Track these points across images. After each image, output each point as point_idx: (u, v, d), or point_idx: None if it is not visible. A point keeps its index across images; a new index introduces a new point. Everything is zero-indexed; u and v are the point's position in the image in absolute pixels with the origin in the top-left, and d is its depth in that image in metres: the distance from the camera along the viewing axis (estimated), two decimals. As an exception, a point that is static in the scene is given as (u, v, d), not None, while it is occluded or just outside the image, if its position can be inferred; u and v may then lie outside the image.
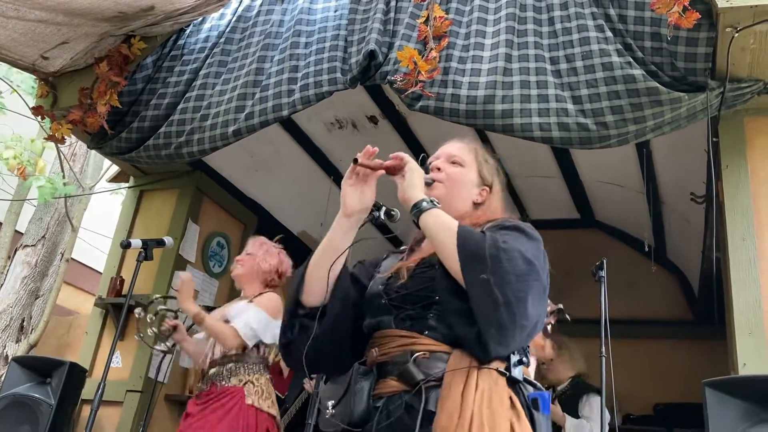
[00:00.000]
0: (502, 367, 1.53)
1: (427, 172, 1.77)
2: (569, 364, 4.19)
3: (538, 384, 1.62)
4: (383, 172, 1.69)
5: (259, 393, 3.25)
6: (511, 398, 1.50)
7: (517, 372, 1.55)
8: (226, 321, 3.30)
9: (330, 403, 1.62)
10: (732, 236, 2.83)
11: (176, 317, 3.52)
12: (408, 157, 1.70)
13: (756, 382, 2.35)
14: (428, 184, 1.75)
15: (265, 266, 3.47)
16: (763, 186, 2.89)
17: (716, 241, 2.86)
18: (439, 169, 1.81)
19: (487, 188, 1.83)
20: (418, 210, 1.61)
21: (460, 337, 1.50)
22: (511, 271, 1.48)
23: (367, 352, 1.65)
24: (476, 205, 1.80)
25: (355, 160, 1.67)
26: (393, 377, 1.56)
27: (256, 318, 3.25)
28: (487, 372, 1.49)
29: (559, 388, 4.17)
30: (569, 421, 3.92)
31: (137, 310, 3.56)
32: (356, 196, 1.68)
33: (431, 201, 1.62)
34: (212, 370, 3.29)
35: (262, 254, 3.49)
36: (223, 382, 3.24)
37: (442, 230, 1.57)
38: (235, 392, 3.20)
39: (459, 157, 1.84)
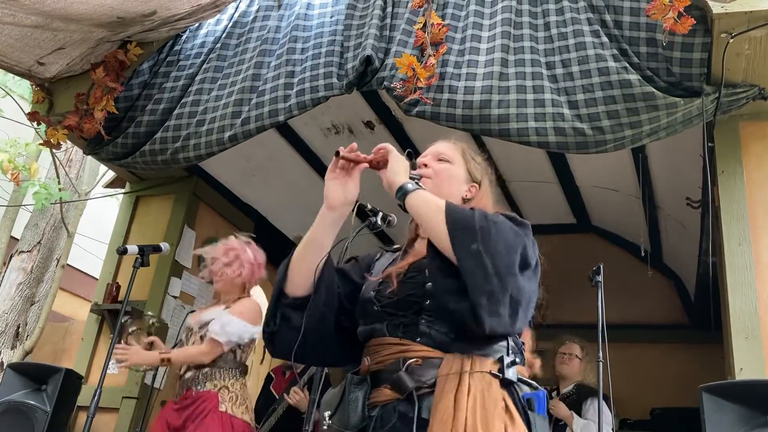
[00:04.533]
0: (495, 369, 1.52)
1: (412, 168, 1.77)
2: (583, 369, 4.20)
3: (534, 383, 1.60)
4: (366, 165, 1.69)
5: (233, 399, 3.26)
6: (504, 400, 1.49)
7: (510, 373, 1.54)
8: (203, 326, 3.31)
9: (327, 414, 1.62)
10: (728, 241, 2.84)
11: (155, 325, 3.53)
12: (390, 146, 1.71)
13: (753, 387, 2.35)
14: (416, 180, 1.74)
15: (238, 281, 3.47)
16: (758, 191, 2.90)
17: (712, 245, 2.87)
18: (426, 165, 1.82)
19: (476, 185, 1.83)
20: (403, 192, 1.61)
21: (454, 312, 1.49)
22: (500, 241, 1.49)
23: (362, 360, 1.65)
24: (465, 201, 1.80)
25: (337, 153, 1.68)
26: (387, 386, 1.56)
27: (228, 321, 3.26)
28: (479, 375, 1.48)
29: (564, 390, 4.17)
30: (577, 420, 3.92)
31: (131, 329, 3.55)
32: (339, 189, 1.69)
33: (416, 183, 1.63)
34: (188, 374, 3.30)
35: (237, 266, 3.47)
36: (199, 387, 3.25)
37: (429, 208, 1.57)
38: (209, 398, 3.21)
39: (446, 155, 1.85)
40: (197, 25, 3.75)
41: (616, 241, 5.64)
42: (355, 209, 1.74)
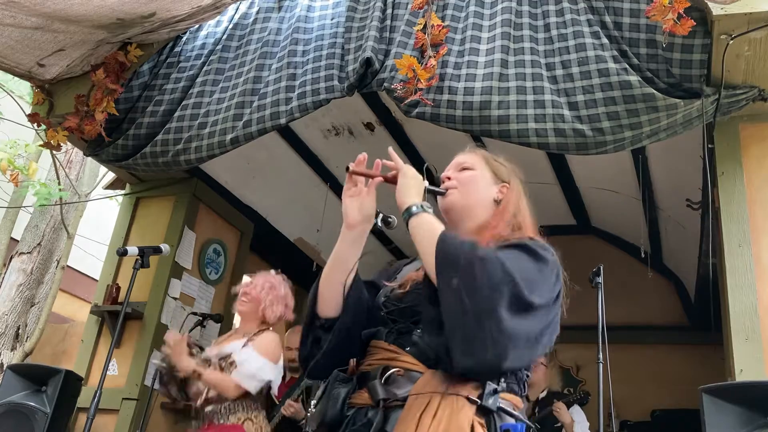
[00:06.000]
0: (474, 394, 1.46)
1: (436, 184, 1.76)
2: (553, 378, 4.23)
3: (518, 415, 1.52)
4: (381, 179, 1.68)
5: (259, 431, 3.25)
6: (473, 428, 1.42)
7: (491, 401, 1.46)
8: (223, 358, 3.27)
9: (313, 402, 1.64)
10: (728, 242, 2.84)
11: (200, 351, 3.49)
12: (400, 162, 1.69)
13: (753, 388, 2.35)
14: (441, 194, 1.74)
15: (269, 314, 3.41)
16: (758, 192, 2.90)
17: (712, 247, 2.87)
18: (449, 178, 1.80)
19: (506, 184, 1.80)
20: (408, 215, 1.60)
21: (431, 344, 1.47)
22: (484, 279, 1.41)
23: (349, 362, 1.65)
24: (497, 202, 1.77)
25: (347, 169, 1.67)
26: (366, 389, 1.56)
27: (258, 366, 3.22)
28: (452, 399, 1.43)
29: (540, 396, 4.17)
30: (578, 427, 3.94)
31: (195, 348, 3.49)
32: (356, 207, 1.67)
33: (421, 206, 1.61)
34: (209, 408, 3.25)
35: (270, 300, 3.42)
36: (222, 420, 3.21)
37: (425, 236, 1.55)
38: (234, 430, 3.18)
39: (468, 163, 1.83)
40: (197, 26, 3.75)
41: (616, 242, 5.64)
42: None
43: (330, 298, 1.67)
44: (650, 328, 5.42)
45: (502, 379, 1.52)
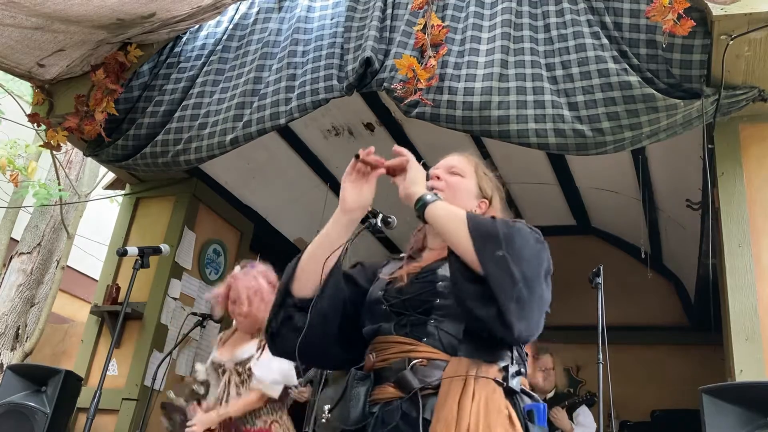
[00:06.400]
0: (500, 377, 1.51)
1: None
2: (558, 374, 4.21)
3: (536, 395, 1.60)
4: (384, 171, 1.69)
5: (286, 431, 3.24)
6: (508, 409, 1.48)
7: (515, 383, 1.53)
8: (240, 363, 3.26)
9: (326, 408, 1.62)
10: (728, 243, 2.84)
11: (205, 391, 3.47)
12: (410, 154, 1.70)
13: (753, 389, 2.35)
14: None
15: (265, 317, 3.36)
16: (758, 193, 2.90)
17: (712, 247, 2.87)
18: (438, 178, 1.81)
19: (486, 201, 1.82)
20: (423, 203, 1.60)
21: (481, 318, 1.47)
22: (525, 247, 1.50)
23: (366, 357, 1.64)
24: None
25: (357, 156, 1.67)
26: (390, 384, 1.56)
27: (277, 369, 3.18)
28: (484, 381, 1.48)
29: (548, 396, 4.17)
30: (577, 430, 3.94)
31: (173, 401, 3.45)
32: (355, 193, 1.68)
33: (435, 194, 1.63)
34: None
35: (264, 308, 3.24)
36: (248, 425, 3.18)
37: (451, 218, 1.56)
38: None
39: (458, 168, 1.83)
40: (197, 27, 3.75)
41: (616, 242, 5.64)
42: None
43: (308, 278, 1.66)
44: (650, 328, 5.42)
45: (515, 362, 1.57)
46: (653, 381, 5.11)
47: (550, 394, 4.18)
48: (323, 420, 1.60)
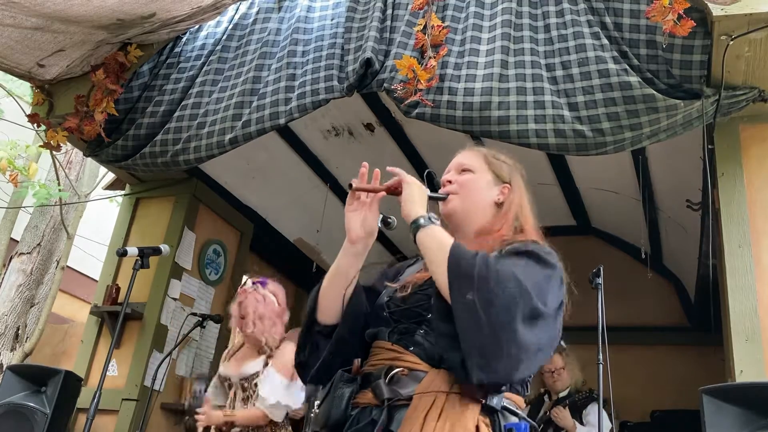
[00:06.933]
0: (478, 394, 1.47)
1: (436, 189, 1.75)
2: (572, 373, 4.20)
3: (522, 414, 1.54)
4: (384, 194, 1.66)
5: None
6: (478, 428, 1.44)
7: (495, 401, 1.49)
8: (246, 379, 3.28)
9: (316, 403, 1.64)
10: (728, 243, 2.84)
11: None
12: (403, 173, 1.67)
13: (753, 389, 2.34)
14: (443, 199, 1.72)
15: (272, 343, 3.33)
16: (758, 193, 2.89)
17: (712, 248, 2.87)
18: (450, 182, 1.78)
19: (508, 185, 1.78)
20: (415, 227, 1.58)
21: (445, 360, 1.46)
22: (499, 294, 1.41)
23: (353, 361, 1.65)
24: (499, 205, 1.75)
25: (350, 186, 1.65)
26: (370, 389, 1.56)
27: (280, 391, 3.19)
28: (457, 398, 1.45)
29: (561, 394, 4.17)
30: (580, 429, 3.93)
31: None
32: (358, 222, 1.66)
33: (429, 218, 1.59)
34: (235, 429, 3.25)
35: (261, 327, 3.32)
36: None
37: (435, 248, 1.54)
38: None
39: (468, 164, 1.80)
40: (197, 27, 3.75)
41: (616, 243, 5.64)
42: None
43: (329, 308, 1.68)
44: (650, 329, 5.41)
45: None
46: (653, 381, 5.11)
47: (564, 393, 4.17)
48: (311, 415, 1.61)
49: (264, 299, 3.38)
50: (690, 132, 2.95)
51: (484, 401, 1.47)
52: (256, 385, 3.27)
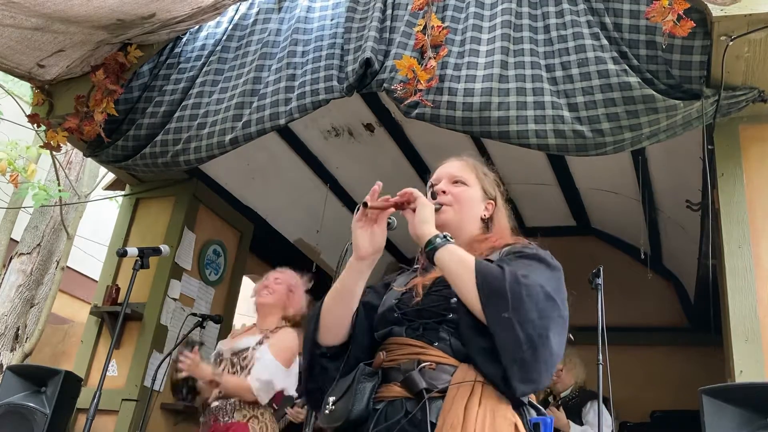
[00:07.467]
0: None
1: (432, 198, 1.76)
2: (573, 372, 4.20)
3: (542, 409, 1.61)
4: (393, 209, 1.67)
5: (264, 429, 3.22)
6: (514, 417, 1.49)
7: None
8: (236, 354, 3.29)
9: (331, 399, 1.62)
10: (728, 244, 2.84)
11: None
12: (417, 192, 1.68)
13: (753, 389, 2.35)
14: (436, 210, 1.73)
15: (290, 311, 3.46)
16: (758, 193, 2.89)
17: (712, 248, 2.87)
18: (444, 192, 1.79)
19: (492, 202, 1.83)
20: (432, 247, 1.59)
21: (483, 372, 1.49)
22: (532, 308, 1.47)
23: (376, 354, 1.65)
24: (484, 221, 1.80)
25: (365, 204, 1.65)
26: (397, 383, 1.56)
27: (272, 371, 3.21)
28: (492, 389, 1.48)
29: (563, 394, 4.18)
30: (574, 428, 3.92)
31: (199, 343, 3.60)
32: (366, 238, 1.66)
33: (444, 237, 1.60)
34: (215, 404, 3.24)
35: (296, 296, 3.49)
36: (226, 418, 3.19)
37: (459, 267, 1.55)
38: (239, 429, 3.16)
39: (461, 177, 1.83)
40: (197, 27, 3.76)
41: (615, 243, 5.64)
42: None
43: (333, 327, 1.68)
44: (650, 329, 5.41)
45: None
46: (653, 382, 5.11)
47: (566, 393, 4.18)
48: (326, 411, 1.60)
49: (298, 281, 3.58)
50: (690, 132, 2.95)
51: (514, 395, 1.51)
52: (245, 359, 3.27)
